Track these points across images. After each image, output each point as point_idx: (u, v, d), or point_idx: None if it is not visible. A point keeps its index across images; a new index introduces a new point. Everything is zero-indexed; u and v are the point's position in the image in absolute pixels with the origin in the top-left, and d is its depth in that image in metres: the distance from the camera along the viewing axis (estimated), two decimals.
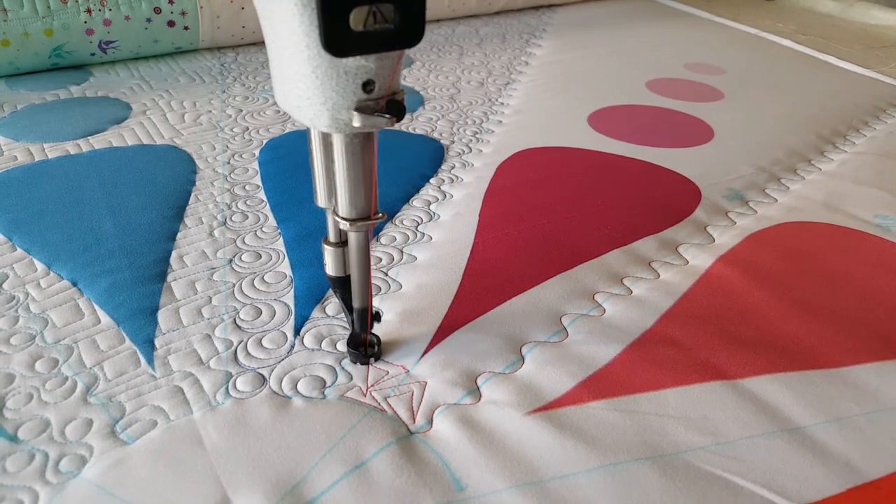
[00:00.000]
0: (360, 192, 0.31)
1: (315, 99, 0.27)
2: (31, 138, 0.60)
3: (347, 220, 0.32)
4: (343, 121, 0.28)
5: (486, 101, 0.73)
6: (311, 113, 0.28)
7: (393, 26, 0.25)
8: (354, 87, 0.27)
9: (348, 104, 0.27)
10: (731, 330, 0.40)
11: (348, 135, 0.29)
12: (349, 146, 0.30)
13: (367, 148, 0.30)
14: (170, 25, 0.78)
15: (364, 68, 0.26)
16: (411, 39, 0.26)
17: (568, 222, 0.51)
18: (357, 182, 0.31)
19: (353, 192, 0.31)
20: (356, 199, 0.31)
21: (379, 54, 0.26)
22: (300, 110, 0.28)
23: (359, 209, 0.31)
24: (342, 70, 0.26)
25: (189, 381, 0.35)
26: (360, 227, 0.32)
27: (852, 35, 1.02)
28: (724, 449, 0.32)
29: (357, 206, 0.31)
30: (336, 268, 0.36)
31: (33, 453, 0.31)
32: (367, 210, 0.32)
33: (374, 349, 0.37)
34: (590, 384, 0.36)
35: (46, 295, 0.41)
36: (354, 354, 0.37)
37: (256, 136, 0.63)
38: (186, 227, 0.49)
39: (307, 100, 0.28)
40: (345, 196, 0.31)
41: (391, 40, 0.25)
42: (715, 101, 0.75)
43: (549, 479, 0.30)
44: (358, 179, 0.31)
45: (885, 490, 0.31)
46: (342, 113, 0.27)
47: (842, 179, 0.59)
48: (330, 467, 0.31)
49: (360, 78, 0.27)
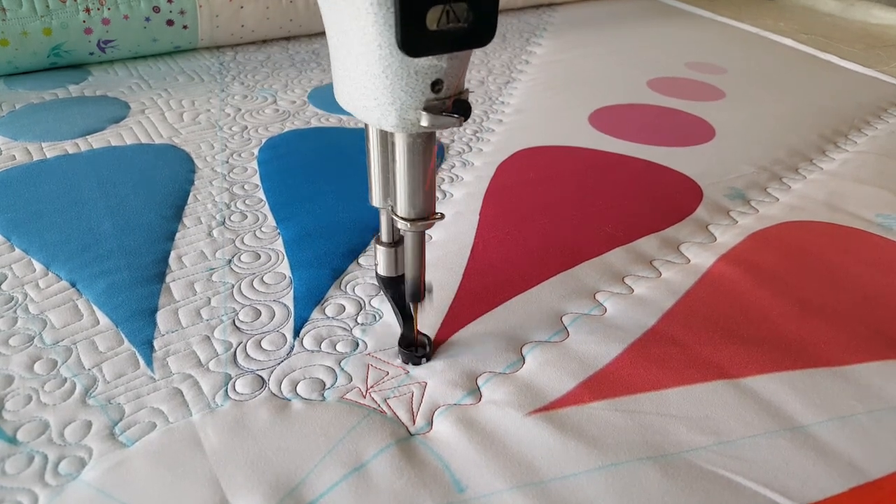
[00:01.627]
0: (419, 192, 0.31)
1: (383, 99, 0.27)
2: (30, 137, 0.60)
3: (406, 219, 0.31)
4: (410, 121, 0.28)
5: (486, 100, 0.73)
6: (379, 113, 0.28)
7: (466, 25, 0.25)
8: (423, 87, 0.27)
9: (417, 104, 0.27)
10: (733, 329, 0.40)
11: (412, 135, 0.29)
12: (412, 146, 0.29)
13: (428, 148, 0.30)
14: (168, 24, 0.78)
15: (435, 68, 0.26)
16: (483, 38, 0.26)
17: (569, 221, 0.51)
18: (417, 182, 0.31)
19: (413, 192, 0.31)
20: (415, 199, 0.31)
21: (450, 54, 0.26)
22: (367, 111, 0.28)
23: (418, 209, 0.31)
24: (413, 70, 0.26)
25: (188, 383, 0.35)
26: (418, 227, 0.32)
27: (854, 34, 1.02)
28: (726, 448, 0.32)
29: (416, 206, 0.31)
30: (389, 268, 0.36)
31: (32, 455, 0.31)
32: (427, 210, 0.32)
33: (426, 349, 0.37)
34: (591, 384, 0.36)
35: (45, 296, 0.41)
36: (406, 354, 0.37)
37: (255, 135, 0.63)
38: (185, 227, 0.49)
39: (375, 100, 0.27)
40: (404, 196, 0.31)
41: (464, 39, 0.25)
42: (716, 101, 0.75)
43: (549, 480, 0.30)
44: (418, 179, 0.30)
45: (888, 489, 0.31)
46: (410, 113, 0.27)
47: (843, 179, 0.59)
48: (329, 469, 0.31)
49: (429, 77, 0.27)
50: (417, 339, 0.37)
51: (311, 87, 0.74)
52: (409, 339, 0.37)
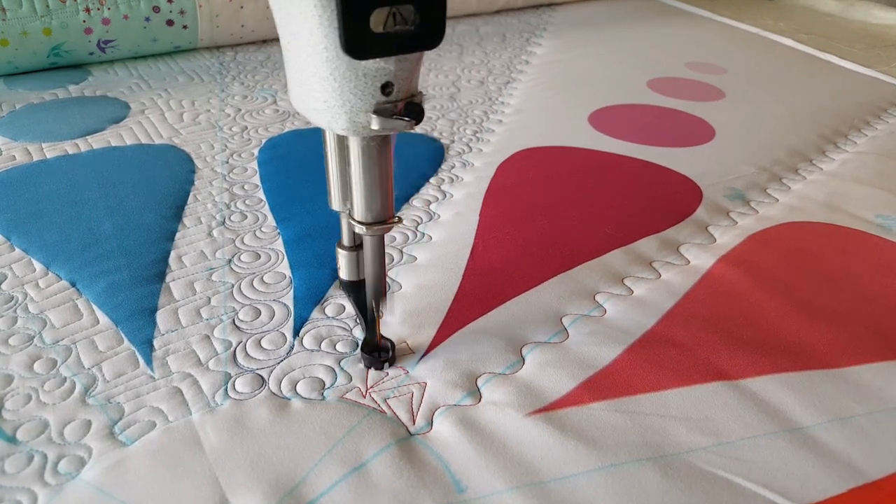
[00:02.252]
0: (376, 196, 0.31)
1: (333, 102, 0.27)
2: (30, 138, 0.60)
3: (363, 223, 0.31)
4: (361, 124, 0.27)
5: (486, 101, 0.73)
6: (329, 116, 0.27)
7: (413, 28, 0.25)
8: (373, 90, 0.26)
9: (367, 107, 0.27)
10: (733, 330, 0.40)
11: (365, 138, 0.29)
12: (366, 149, 0.29)
13: (383, 151, 0.30)
14: (168, 24, 0.78)
15: (383, 70, 0.26)
16: (431, 41, 0.25)
17: (568, 222, 0.51)
18: (373, 185, 0.30)
19: (369, 196, 0.31)
20: (372, 203, 0.31)
21: (398, 56, 0.26)
22: (317, 113, 0.28)
23: (375, 213, 0.31)
24: (361, 72, 0.26)
25: (188, 383, 0.35)
26: (375, 230, 0.32)
27: (854, 34, 1.02)
28: (726, 449, 0.32)
29: (373, 210, 0.31)
30: (350, 272, 0.36)
31: (32, 454, 0.31)
32: (384, 214, 0.31)
33: (388, 354, 0.37)
34: (591, 385, 0.36)
35: (45, 295, 0.41)
36: (368, 359, 0.36)
37: (255, 135, 0.63)
38: (185, 227, 0.49)
39: (324, 103, 0.27)
40: (360, 200, 0.31)
41: (411, 42, 0.25)
42: (716, 101, 0.75)
43: (549, 481, 0.30)
44: (374, 183, 0.30)
45: (887, 490, 0.31)
46: (360, 116, 0.27)
47: (843, 179, 0.59)
48: (329, 469, 0.31)
49: (378, 80, 0.26)
50: (380, 343, 0.37)
51: None
52: (372, 343, 0.36)
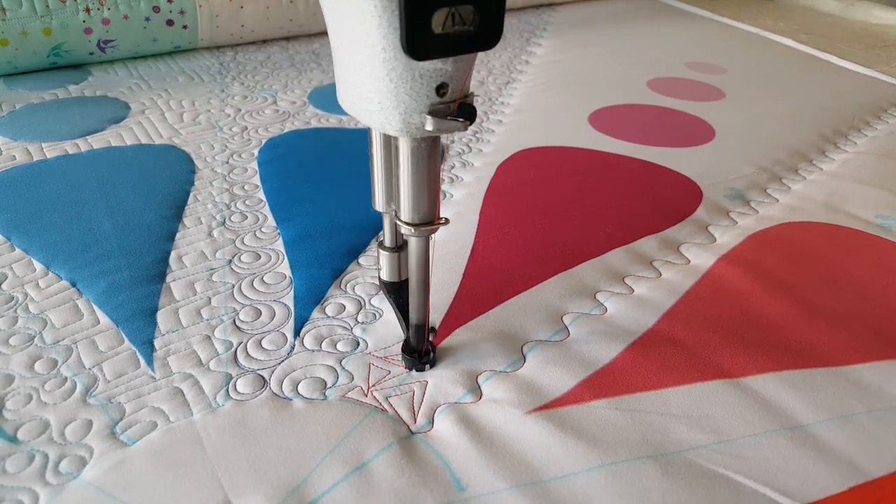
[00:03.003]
0: (424, 197, 0.30)
1: (387, 103, 0.27)
2: (30, 138, 0.60)
3: (411, 224, 0.31)
4: (415, 125, 0.27)
5: (486, 101, 0.73)
6: (382, 117, 0.27)
7: (472, 28, 0.24)
8: (428, 91, 0.26)
9: (421, 108, 0.27)
10: (733, 329, 0.40)
11: (416, 139, 0.29)
12: (416, 150, 0.29)
13: (433, 152, 0.29)
14: (168, 24, 0.78)
15: (440, 71, 0.26)
16: (489, 41, 0.25)
17: (569, 221, 0.51)
18: (422, 186, 0.30)
19: (418, 197, 0.30)
20: (420, 204, 0.31)
21: (455, 57, 0.26)
22: (370, 114, 0.28)
23: (422, 214, 0.31)
24: (418, 73, 0.26)
25: (189, 383, 0.35)
26: (422, 231, 0.31)
27: (853, 34, 1.02)
28: (726, 447, 0.32)
29: (420, 211, 0.31)
30: (391, 273, 0.35)
31: (33, 454, 0.31)
32: (431, 215, 0.31)
33: (430, 356, 0.36)
34: (591, 383, 0.36)
35: (45, 295, 0.41)
36: (409, 361, 0.36)
37: (255, 135, 0.63)
38: (185, 228, 0.49)
39: (378, 104, 0.27)
40: (408, 201, 0.31)
41: (469, 42, 0.25)
42: (716, 101, 0.75)
43: (550, 479, 0.30)
44: (423, 184, 0.30)
45: (888, 489, 0.31)
46: (414, 117, 0.27)
47: (843, 179, 0.59)
48: (331, 468, 0.31)
49: (434, 81, 0.26)
50: (424, 348, 0.36)
51: (311, 88, 0.74)
52: (418, 347, 0.36)
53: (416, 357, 0.36)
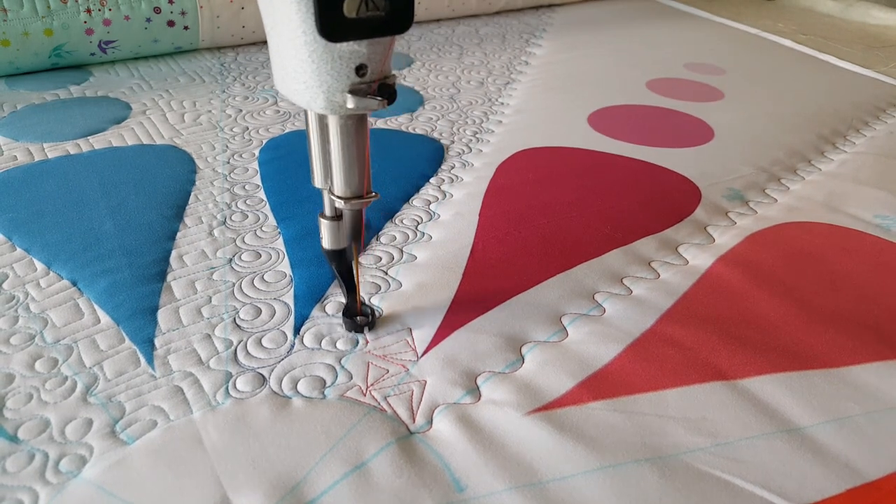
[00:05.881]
0: (354, 172, 0.33)
1: (311, 82, 0.29)
2: (31, 138, 0.60)
3: (343, 198, 0.34)
4: (338, 103, 0.30)
5: (486, 101, 0.73)
6: (308, 96, 0.30)
7: (384, 14, 0.27)
8: (348, 71, 0.29)
9: (342, 87, 0.29)
10: (731, 330, 0.40)
11: (342, 117, 0.31)
12: (343, 128, 0.31)
13: (360, 130, 0.32)
14: (169, 25, 0.78)
15: (357, 53, 0.28)
16: (401, 26, 0.28)
17: (568, 222, 0.51)
18: (351, 162, 0.33)
19: (348, 172, 0.33)
20: (350, 179, 0.33)
21: (371, 40, 0.28)
22: (297, 94, 0.30)
23: (353, 188, 0.33)
24: (336, 55, 0.28)
25: (189, 381, 0.35)
26: (353, 205, 0.34)
27: (852, 35, 1.02)
28: (724, 450, 0.32)
29: (351, 185, 0.33)
30: (332, 241, 0.37)
31: (33, 453, 0.31)
32: (361, 189, 0.34)
33: (369, 318, 0.39)
34: (589, 384, 0.36)
35: (46, 294, 0.41)
36: (350, 323, 0.39)
37: (256, 135, 0.63)
38: (186, 227, 0.49)
39: (304, 83, 0.29)
40: (340, 176, 0.33)
41: (382, 27, 0.27)
42: (715, 101, 0.75)
43: (548, 481, 0.30)
44: (352, 160, 0.33)
45: (885, 490, 0.31)
46: (337, 96, 0.29)
47: (842, 179, 0.59)
48: (330, 467, 0.31)
49: (353, 62, 0.29)
50: (360, 308, 0.39)
51: None
52: (353, 308, 0.39)
53: (353, 319, 0.39)
